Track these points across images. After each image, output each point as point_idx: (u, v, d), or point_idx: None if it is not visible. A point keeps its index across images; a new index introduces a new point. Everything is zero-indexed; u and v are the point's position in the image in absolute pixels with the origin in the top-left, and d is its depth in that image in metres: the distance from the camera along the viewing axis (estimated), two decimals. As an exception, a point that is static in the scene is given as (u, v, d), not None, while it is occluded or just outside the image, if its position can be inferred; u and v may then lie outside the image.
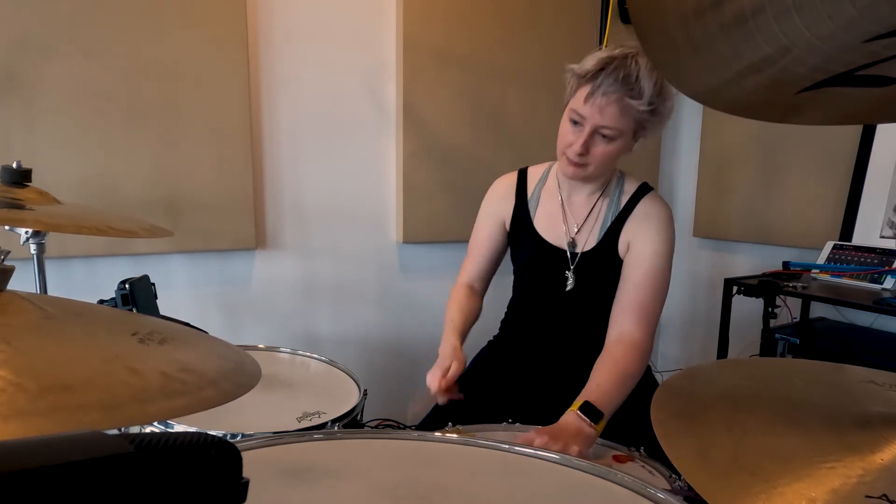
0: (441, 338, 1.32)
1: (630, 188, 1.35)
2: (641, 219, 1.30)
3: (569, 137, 1.24)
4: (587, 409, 1.08)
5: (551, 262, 1.37)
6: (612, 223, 1.32)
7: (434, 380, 1.19)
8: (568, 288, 1.35)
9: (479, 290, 1.49)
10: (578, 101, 1.20)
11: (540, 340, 1.43)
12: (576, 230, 1.36)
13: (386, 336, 2.28)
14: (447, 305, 1.42)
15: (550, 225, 1.39)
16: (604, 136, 1.21)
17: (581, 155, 1.22)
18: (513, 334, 1.51)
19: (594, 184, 1.35)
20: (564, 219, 1.37)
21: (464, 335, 1.35)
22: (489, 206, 1.48)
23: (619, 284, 1.30)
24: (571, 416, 1.08)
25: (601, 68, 1.16)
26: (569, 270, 1.35)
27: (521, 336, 1.48)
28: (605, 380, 1.16)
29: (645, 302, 1.26)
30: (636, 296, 1.26)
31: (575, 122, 1.23)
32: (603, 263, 1.33)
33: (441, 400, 1.22)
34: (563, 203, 1.38)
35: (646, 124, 1.22)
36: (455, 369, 1.20)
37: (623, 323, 1.25)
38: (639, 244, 1.29)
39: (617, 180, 1.37)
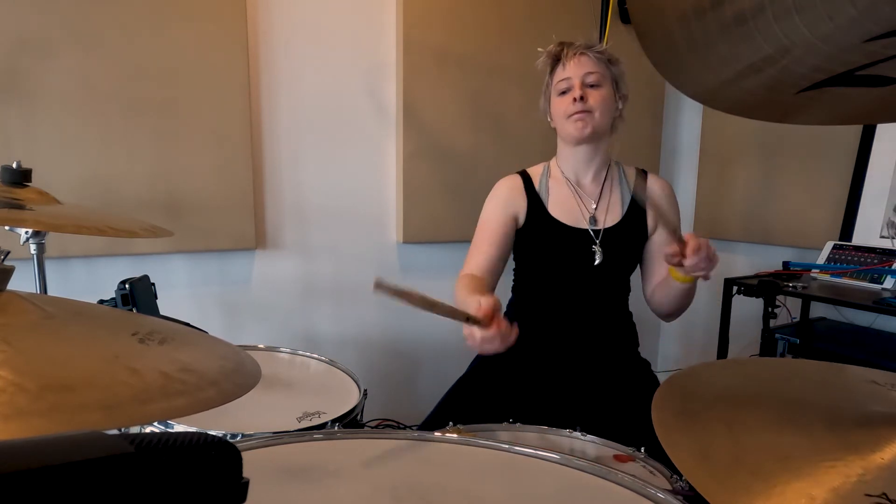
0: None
1: (630, 172, 1.50)
2: (660, 197, 1.47)
3: (565, 102, 1.38)
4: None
5: (573, 244, 1.43)
6: (632, 200, 1.45)
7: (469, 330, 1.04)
8: (596, 262, 1.41)
9: (487, 281, 1.37)
10: (560, 73, 1.39)
11: (552, 330, 1.44)
12: (594, 207, 1.45)
13: (386, 336, 2.28)
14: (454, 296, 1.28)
15: (566, 209, 1.45)
16: (592, 86, 1.37)
17: (583, 99, 1.35)
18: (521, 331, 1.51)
19: (596, 163, 1.46)
20: (580, 201, 1.45)
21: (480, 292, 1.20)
22: (500, 200, 1.45)
23: (650, 255, 1.46)
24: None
25: (562, 42, 1.41)
26: (595, 245, 1.41)
27: (527, 330, 1.48)
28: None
29: None
30: None
31: (564, 92, 1.38)
32: (629, 238, 1.44)
33: (494, 344, 1.04)
34: (573, 187, 1.46)
35: (616, 77, 1.40)
36: (485, 304, 1.04)
37: None
38: None
39: (616, 166, 1.50)
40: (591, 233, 1.42)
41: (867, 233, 1.93)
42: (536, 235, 1.46)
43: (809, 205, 2.17)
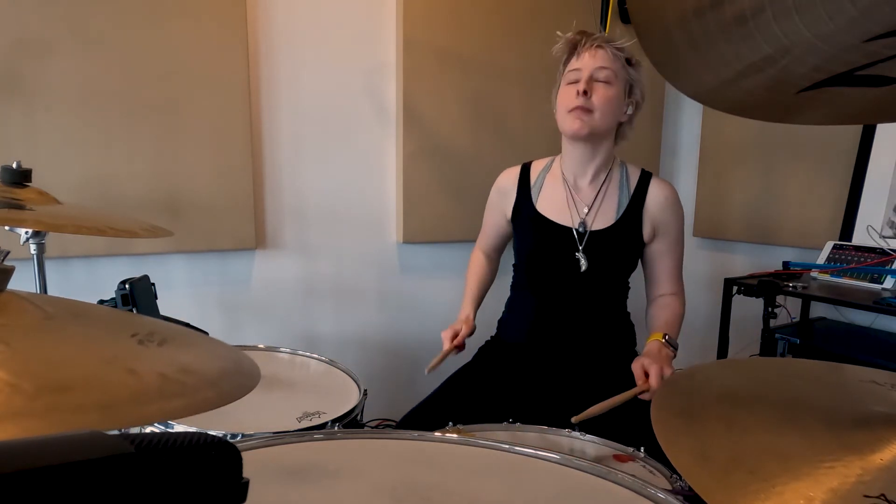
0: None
1: (634, 173, 1.45)
2: (662, 205, 1.41)
3: (570, 93, 1.34)
4: (666, 338, 1.32)
5: (558, 243, 1.42)
6: (629, 206, 1.41)
7: (447, 337, 1.42)
8: (582, 269, 1.40)
9: (494, 258, 1.67)
10: (573, 62, 1.37)
11: (548, 328, 1.44)
12: (586, 211, 1.42)
13: (386, 336, 2.28)
14: (467, 268, 1.65)
15: (556, 207, 1.44)
16: (601, 81, 1.32)
17: (585, 94, 1.31)
18: (515, 329, 1.52)
19: (596, 164, 1.42)
20: (572, 202, 1.43)
21: (478, 301, 1.58)
22: (492, 198, 1.57)
23: (649, 261, 1.47)
24: (657, 344, 1.30)
25: (582, 31, 1.38)
26: (578, 251, 1.40)
27: (524, 329, 1.49)
28: (666, 321, 1.39)
29: (677, 268, 1.47)
30: (671, 268, 1.46)
31: (572, 82, 1.35)
32: (620, 243, 1.41)
33: (450, 352, 1.42)
34: (569, 187, 1.44)
35: (632, 79, 1.36)
36: (464, 332, 1.44)
37: (664, 288, 1.46)
38: (666, 231, 1.43)
39: (620, 167, 1.45)
40: (576, 235, 1.40)
41: (867, 233, 1.93)
42: (523, 229, 1.48)
43: (809, 205, 2.17)
